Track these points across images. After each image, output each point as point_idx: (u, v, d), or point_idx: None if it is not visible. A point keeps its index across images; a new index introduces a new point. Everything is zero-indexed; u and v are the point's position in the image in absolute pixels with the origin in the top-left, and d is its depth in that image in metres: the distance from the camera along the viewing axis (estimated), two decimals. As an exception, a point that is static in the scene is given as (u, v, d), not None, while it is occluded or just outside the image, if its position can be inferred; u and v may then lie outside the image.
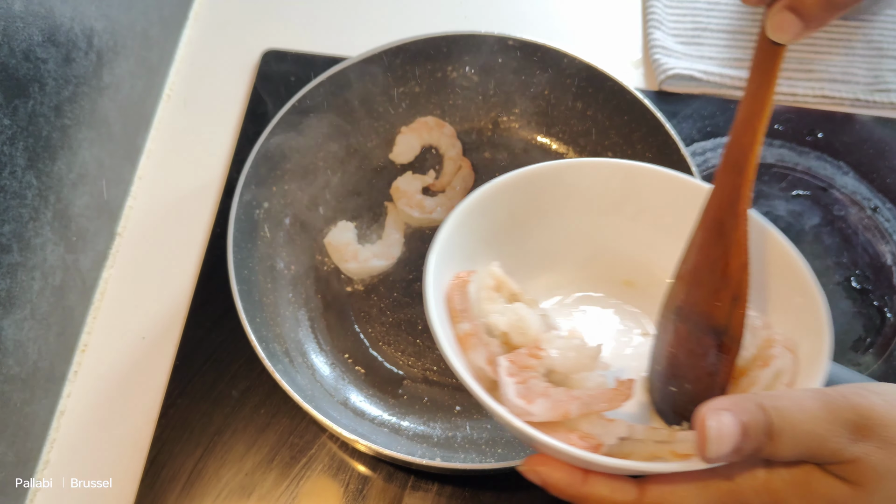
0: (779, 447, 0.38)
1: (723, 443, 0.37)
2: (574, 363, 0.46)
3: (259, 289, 0.70)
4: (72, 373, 0.72)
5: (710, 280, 0.46)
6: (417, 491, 0.66)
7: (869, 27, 0.92)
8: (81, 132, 0.70)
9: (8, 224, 0.60)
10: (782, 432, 0.37)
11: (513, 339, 0.48)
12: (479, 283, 0.50)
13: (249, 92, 0.87)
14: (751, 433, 0.37)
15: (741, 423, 0.37)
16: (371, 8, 0.95)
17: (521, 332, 0.48)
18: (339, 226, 0.76)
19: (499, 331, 0.48)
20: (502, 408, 0.43)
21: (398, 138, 0.81)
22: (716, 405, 0.38)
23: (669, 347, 0.48)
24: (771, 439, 0.37)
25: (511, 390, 0.43)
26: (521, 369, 0.45)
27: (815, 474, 0.39)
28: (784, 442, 0.37)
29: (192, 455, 0.67)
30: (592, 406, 0.44)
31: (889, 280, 0.77)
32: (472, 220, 0.51)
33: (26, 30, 0.61)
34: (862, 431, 0.37)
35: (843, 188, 0.82)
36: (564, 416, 0.43)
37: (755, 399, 0.38)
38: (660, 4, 0.93)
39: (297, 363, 0.69)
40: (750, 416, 0.37)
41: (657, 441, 0.44)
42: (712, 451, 0.37)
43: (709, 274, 0.46)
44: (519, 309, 0.49)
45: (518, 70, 0.80)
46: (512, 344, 0.48)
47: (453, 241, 0.50)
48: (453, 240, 0.50)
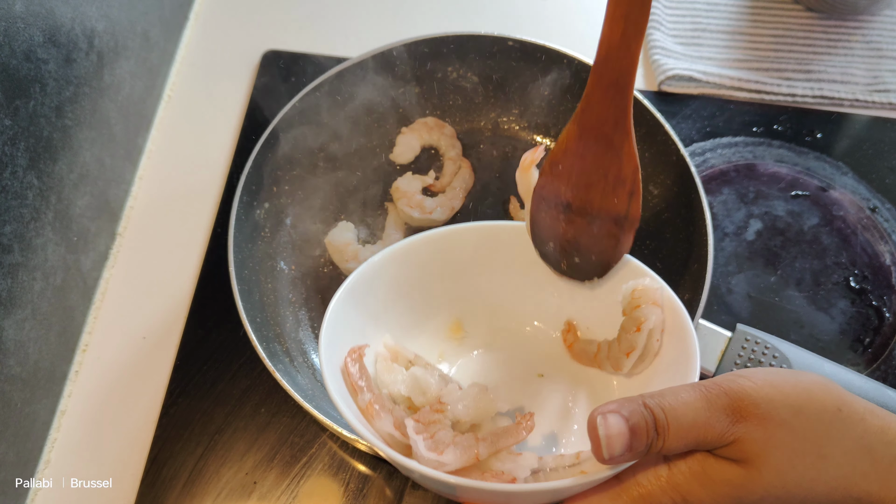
0: (669, 441, 0.40)
1: (613, 443, 0.40)
2: (475, 411, 0.50)
3: (260, 289, 0.71)
4: (73, 373, 0.72)
5: (604, 184, 0.52)
6: (417, 490, 0.66)
7: (868, 28, 0.92)
8: (82, 132, 0.71)
9: (9, 224, 0.60)
10: (668, 426, 0.40)
11: (415, 401, 0.51)
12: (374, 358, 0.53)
13: (249, 92, 0.88)
14: (639, 431, 0.40)
15: (628, 423, 0.40)
16: (371, 8, 0.95)
17: (422, 393, 0.51)
18: (340, 226, 0.76)
19: (402, 397, 0.52)
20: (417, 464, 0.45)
21: (398, 138, 0.81)
22: (603, 409, 0.41)
23: (566, 234, 0.56)
24: (659, 434, 0.40)
25: (421, 446, 0.46)
26: (428, 425, 0.48)
27: (709, 461, 0.42)
28: (672, 435, 0.40)
29: (193, 454, 0.67)
30: (499, 444, 0.47)
31: (888, 280, 0.77)
32: (357, 297, 0.55)
33: (27, 30, 0.61)
34: (738, 413, 0.41)
35: (841, 188, 0.82)
36: (475, 458, 0.46)
37: (639, 399, 0.41)
38: (659, 5, 0.93)
39: (297, 362, 0.69)
40: (636, 415, 0.40)
41: (568, 466, 0.46)
42: (606, 452, 0.40)
43: (601, 179, 0.52)
44: (416, 371, 0.52)
45: (518, 70, 0.80)
46: (416, 407, 0.51)
47: (341, 319, 0.53)
48: (341, 317, 0.53)
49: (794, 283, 0.77)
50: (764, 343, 0.63)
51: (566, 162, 0.53)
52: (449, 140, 0.81)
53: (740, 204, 0.81)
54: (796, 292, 0.76)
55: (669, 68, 0.87)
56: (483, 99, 0.82)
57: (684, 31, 0.92)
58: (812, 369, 0.62)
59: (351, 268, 0.74)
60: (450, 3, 0.96)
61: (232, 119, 0.86)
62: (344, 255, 0.74)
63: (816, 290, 0.77)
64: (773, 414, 0.41)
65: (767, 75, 0.88)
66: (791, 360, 0.62)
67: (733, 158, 0.84)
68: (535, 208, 0.56)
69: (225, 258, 0.67)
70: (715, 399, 0.41)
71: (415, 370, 0.52)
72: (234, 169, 0.82)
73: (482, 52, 0.79)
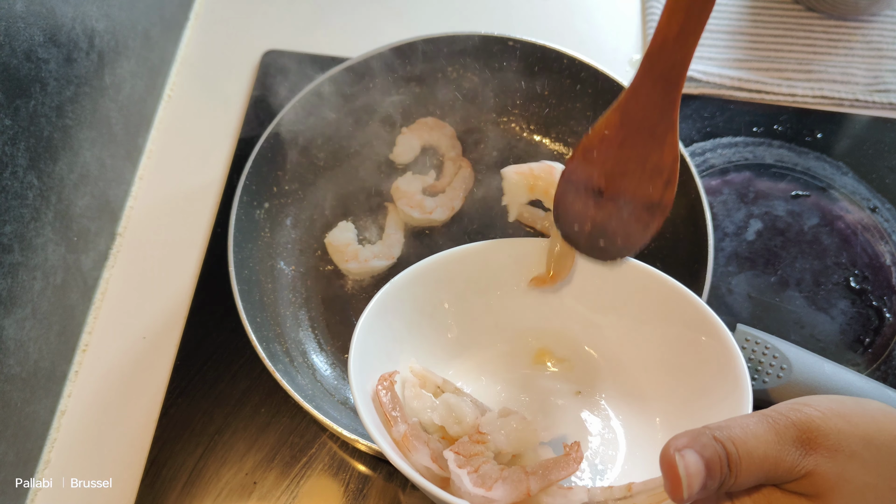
0: (740, 477, 0.39)
1: (693, 482, 0.38)
2: (518, 440, 0.48)
3: (260, 289, 0.70)
4: (72, 372, 0.72)
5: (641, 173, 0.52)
6: (417, 490, 0.66)
7: (868, 28, 0.92)
8: (83, 132, 0.71)
9: (9, 224, 0.60)
10: (740, 461, 0.39)
11: (450, 431, 0.49)
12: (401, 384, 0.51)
13: (249, 92, 0.88)
14: (713, 467, 0.38)
15: (704, 460, 0.38)
16: (371, 8, 0.95)
17: (457, 422, 0.49)
18: (340, 226, 0.76)
19: (434, 426, 0.49)
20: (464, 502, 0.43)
21: (398, 139, 0.81)
22: (676, 444, 0.39)
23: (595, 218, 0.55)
24: (731, 470, 0.38)
25: (466, 481, 0.44)
26: (470, 458, 0.46)
27: (776, 496, 0.40)
28: (743, 471, 0.39)
29: (193, 454, 0.67)
30: (550, 477, 0.45)
31: (888, 280, 0.77)
32: (382, 322, 0.53)
33: (28, 30, 0.61)
34: (808, 445, 0.39)
35: (842, 188, 0.82)
36: (527, 493, 0.44)
37: (708, 432, 0.39)
38: (659, 5, 0.93)
39: (297, 363, 0.69)
40: (710, 450, 0.38)
41: (617, 500, 0.45)
42: (686, 492, 0.38)
43: (638, 167, 0.52)
44: (449, 399, 0.50)
45: (518, 70, 0.80)
46: (450, 436, 0.49)
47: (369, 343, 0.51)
48: (368, 342, 0.51)
49: (795, 283, 0.77)
50: (764, 343, 0.63)
51: (602, 149, 0.53)
52: (449, 140, 0.81)
53: (740, 204, 0.81)
54: (796, 292, 0.76)
55: (670, 68, 0.87)
56: (483, 99, 0.82)
57: (684, 32, 0.92)
58: (812, 369, 0.62)
59: (351, 268, 0.74)
60: (450, 3, 0.96)
61: (232, 119, 0.86)
62: (344, 255, 0.74)
63: (816, 290, 0.77)
64: (844, 445, 0.39)
65: (768, 75, 0.88)
66: (791, 361, 0.62)
67: (733, 158, 0.84)
68: (562, 191, 0.56)
69: (225, 258, 0.67)
70: (784, 431, 0.39)
71: (447, 397, 0.50)
72: (234, 169, 0.82)
73: (482, 52, 0.79)
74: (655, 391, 0.54)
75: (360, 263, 0.74)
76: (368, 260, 0.74)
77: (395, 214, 0.78)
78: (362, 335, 0.51)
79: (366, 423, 0.46)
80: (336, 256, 0.75)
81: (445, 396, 0.50)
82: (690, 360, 0.52)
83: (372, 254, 0.75)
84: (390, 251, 0.76)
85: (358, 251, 0.75)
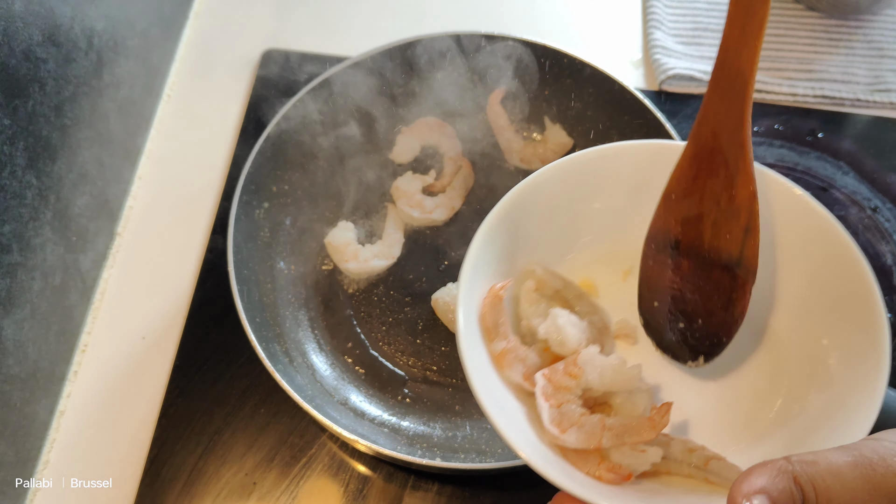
0: None
1: None
2: (611, 383, 0.45)
3: (259, 289, 0.70)
4: (72, 373, 0.72)
5: (716, 213, 0.43)
6: (417, 491, 0.66)
7: (869, 27, 0.92)
8: (81, 132, 0.70)
9: (8, 224, 0.60)
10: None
11: (552, 347, 0.47)
12: (518, 284, 0.49)
13: (249, 92, 0.87)
14: None
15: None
16: (371, 8, 0.95)
17: (560, 344, 0.47)
18: (339, 226, 0.76)
19: (538, 337, 0.47)
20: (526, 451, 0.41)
21: (398, 138, 0.81)
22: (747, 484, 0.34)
23: (672, 284, 0.45)
24: None
25: (546, 415, 0.43)
26: (557, 390, 0.45)
27: None
28: None
29: (193, 454, 0.67)
30: (624, 438, 0.43)
31: (889, 280, 0.77)
32: (505, 227, 0.48)
33: (26, 30, 0.61)
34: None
35: (843, 188, 0.82)
36: (596, 446, 0.43)
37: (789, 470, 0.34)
38: (660, 4, 0.93)
39: (297, 363, 0.69)
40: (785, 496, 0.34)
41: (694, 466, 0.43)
42: None
43: (713, 207, 0.43)
44: (558, 319, 0.47)
45: (518, 70, 0.79)
46: (551, 352, 0.47)
47: (488, 246, 0.47)
48: (485, 252, 0.47)
49: (795, 283, 0.77)
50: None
51: (679, 189, 0.45)
52: (449, 140, 0.81)
53: (741, 204, 0.81)
54: (797, 292, 0.76)
55: (670, 68, 0.87)
56: (483, 98, 0.82)
57: (685, 31, 0.92)
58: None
59: (351, 268, 0.74)
60: (450, 3, 0.96)
61: (232, 119, 0.86)
62: (343, 254, 0.74)
63: (817, 290, 0.76)
64: None
65: (768, 75, 0.88)
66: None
67: (734, 158, 0.84)
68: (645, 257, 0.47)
69: (224, 258, 0.67)
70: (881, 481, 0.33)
71: (557, 314, 0.47)
72: (234, 169, 0.81)
73: (483, 52, 0.79)
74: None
75: (360, 263, 0.74)
76: (368, 260, 0.74)
77: (394, 214, 0.78)
78: (481, 241, 0.46)
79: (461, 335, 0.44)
80: (336, 256, 0.75)
81: (556, 312, 0.47)
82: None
83: (372, 254, 0.75)
84: (390, 251, 0.76)
85: (358, 251, 0.74)
